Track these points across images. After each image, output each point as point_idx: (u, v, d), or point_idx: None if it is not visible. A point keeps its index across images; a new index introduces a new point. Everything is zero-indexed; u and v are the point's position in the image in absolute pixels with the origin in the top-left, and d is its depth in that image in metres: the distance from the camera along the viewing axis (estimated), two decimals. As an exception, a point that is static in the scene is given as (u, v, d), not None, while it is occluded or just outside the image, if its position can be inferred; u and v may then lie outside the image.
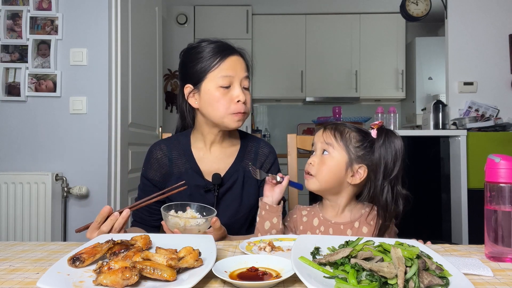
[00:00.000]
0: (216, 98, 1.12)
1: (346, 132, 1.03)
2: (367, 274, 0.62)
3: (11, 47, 2.30)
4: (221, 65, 1.12)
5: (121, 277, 0.60)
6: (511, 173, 0.76)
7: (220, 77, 1.11)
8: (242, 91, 1.13)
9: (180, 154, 1.21)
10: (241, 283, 0.62)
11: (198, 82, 1.15)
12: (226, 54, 1.13)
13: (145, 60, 2.85)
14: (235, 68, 1.13)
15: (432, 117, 2.90)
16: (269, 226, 1.04)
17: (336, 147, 1.02)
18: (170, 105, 4.52)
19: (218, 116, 1.13)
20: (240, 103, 1.12)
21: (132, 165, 2.58)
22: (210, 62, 1.13)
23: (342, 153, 1.01)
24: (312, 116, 4.39)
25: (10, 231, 2.16)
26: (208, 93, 1.13)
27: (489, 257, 0.78)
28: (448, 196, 2.71)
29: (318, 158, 1.04)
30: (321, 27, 4.59)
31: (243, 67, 1.16)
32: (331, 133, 1.04)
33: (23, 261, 0.78)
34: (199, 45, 1.18)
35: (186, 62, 1.19)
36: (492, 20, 2.91)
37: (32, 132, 2.29)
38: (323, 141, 1.03)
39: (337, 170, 1.01)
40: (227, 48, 1.16)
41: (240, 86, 1.13)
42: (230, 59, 1.13)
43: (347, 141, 1.02)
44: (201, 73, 1.13)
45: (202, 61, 1.13)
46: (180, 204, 1.01)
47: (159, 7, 3.12)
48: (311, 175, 1.03)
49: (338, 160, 1.01)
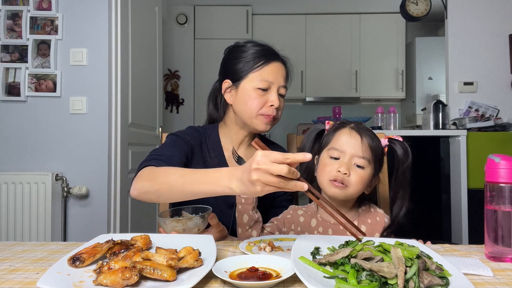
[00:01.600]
0: (252, 98, 1.13)
1: (379, 147, 1.03)
2: (367, 274, 0.62)
3: (11, 47, 2.30)
4: (263, 69, 1.14)
5: (121, 277, 0.60)
6: (511, 173, 0.76)
7: (260, 79, 1.13)
8: (277, 97, 1.14)
9: (213, 147, 1.21)
10: (241, 283, 0.62)
11: (238, 80, 1.16)
12: (271, 59, 1.15)
13: (145, 60, 2.85)
14: (276, 74, 1.15)
15: (432, 117, 2.90)
16: (247, 219, 1.04)
17: (371, 162, 1.00)
18: (170, 105, 4.52)
19: (249, 115, 1.15)
20: (272, 108, 1.14)
21: (132, 165, 2.57)
22: (253, 63, 1.14)
23: (372, 167, 1.01)
24: (312, 116, 4.38)
25: (10, 231, 2.16)
26: (245, 91, 1.14)
27: (489, 257, 0.78)
28: (448, 196, 2.71)
29: (352, 169, 0.98)
30: (321, 27, 4.59)
31: (283, 75, 1.17)
32: (369, 148, 0.99)
33: (23, 261, 0.78)
34: (245, 44, 1.19)
35: (229, 59, 1.20)
36: (492, 20, 2.91)
37: (32, 132, 2.29)
38: (361, 156, 0.98)
39: (365, 183, 1.00)
40: (272, 53, 1.18)
41: (277, 93, 1.15)
42: (273, 65, 1.15)
43: (378, 154, 1.02)
44: (243, 71, 1.15)
45: (246, 61, 1.15)
46: (175, 209, 1.01)
47: (159, 7, 3.12)
48: (344, 184, 0.97)
49: (368, 174, 1.00)
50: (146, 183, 0.90)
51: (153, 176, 0.90)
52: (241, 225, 1.05)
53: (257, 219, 1.05)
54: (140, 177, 0.94)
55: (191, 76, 4.52)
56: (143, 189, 0.91)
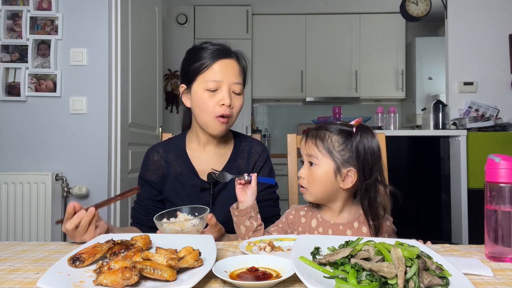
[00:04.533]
0: (203, 100, 1.13)
1: (327, 137, 1.00)
2: (367, 274, 0.62)
3: (11, 47, 2.30)
4: (210, 68, 1.12)
5: (121, 277, 0.60)
6: (511, 173, 0.76)
7: (208, 80, 1.12)
8: (229, 95, 1.13)
9: (176, 156, 1.23)
10: (241, 283, 0.62)
11: (190, 83, 1.16)
12: (217, 57, 1.13)
13: (145, 60, 2.85)
14: (224, 72, 1.13)
15: (432, 117, 2.90)
16: (244, 229, 1.03)
17: (320, 157, 0.99)
18: (170, 105, 4.52)
19: (204, 121, 1.15)
20: (224, 107, 1.12)
21: (132, 165, 2.58)
22: (201, 64, 1.13)
23: (327, 161, 0.98)
24: (312, 116, 4.39)
25: (10, 231, 2.16)
26: (197, 95, 1.14)
27: (489, 257, 0.78)
28: (448, 196, 2.71)
29: (307, 170, 1.01)
30: (321, 27, 4.59)
31: (234, 72, 1.15)
32: (312, 143, 1.00)
33: (23, 261, 0.78)
34: (200, 46, 1.18)
35: (185, 61, 1.20)
36: (492, 20, 2.91)
37: (32, 132, 2.29)
38: (307, 153, 1.01)
39: (327, 180, 0.99)
40: (221, 51, 1.15)
41: (229, 91, 1.13)
42: (220, 62, 1.13)
43: (329, 147, 0.98)
44: (193, 74, 1.15)
45: (195, 63, 1.14)
46: (171, 210, 1.01)
47: (159, 7, 3.12)
48: (304, 188, 1.02)
49: (325, 170, 0.98)
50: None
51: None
52: (240, 235, 1.04)
53: (255, 228, 1.04)
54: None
55: (191, 76, 4.51)
56: None
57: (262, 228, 1.07)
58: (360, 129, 1.00)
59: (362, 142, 0.98)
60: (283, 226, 1.10)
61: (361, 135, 0.99)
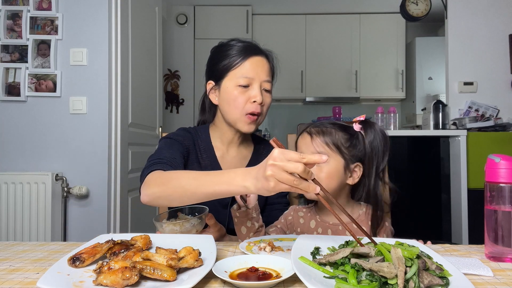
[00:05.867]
0: (234, 96, 1.12)
1: (335, 134, 1.01)
2: (367, 274, 0.62)
3: (11, 47, 2.30)
4: (242, 65, 1.12)
5: (121, 277, 0.60)
6: (511, 173, 0.76)
7: (240, 76, 1.11)
8: (260, 92, 1.12)
9: (204, 148, 1.20)
10: (241, 283, 0.62)
11: (220, 79, 1.15)
12: (249, 54, 1.13)
13: (145, 60, 2.85)
14: (256, 69, 1.13)
15: (432, 117, 2.90)
16: (246, 230, 1.03)
17: (331, 154, 0.99)
18: (170, 105, 4.53)
19: (233, 115, 1.13)
20: (255, 104, 1.11)
21: (132, 165, 2.58)
22: (232, 61, 1.13)
23: (337, 158, 1.00)
24: (312, 116, 4.39)
25: (10, 231, 2.16)
26: (227, 91, 1.13)
27: (489, 257, 0.78)
28: (448, 196, 2.71)
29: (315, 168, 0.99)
30: (321, 27, 4.59)
31: (265, 69, 1.15)
32: (321, 141, 1.00)
33: (23, 261, 0.78)
34: (228, 43, 1.18)
35: (212, 59, 1.20)
36: (492, 20, 2.91)
37: (32, 132, 2.29)
38: (315, 151, 1.00)
39: (338, 177, 1.00)
40: (252, 48, 1.15)
41: (260, 88, 1.13)
42: (252, 59, 1.13)
43: (338, 144, 1.00)
44: (223, 71, 1.14)
45: (226, 59, 1.14)
46: (172, 211, 1.00)
47: (159, 7, 3.12)
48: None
49: (335, 166, 0.99)
50: (157, 188, 0.89)
51: (164, 181, 0.89)
52: (241, 237, 1.04)
53: (256, 230, 1.04)
54: (149, 183, 0.92)
55: (191, 76, 4.52)
56: (154, 194, 0.89)
57: (263, 229, 1.07)
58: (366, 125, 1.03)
59: (369, 137, 1.01)
60: (281, 227, 1.10)
61: (368, 130, 1.02)
